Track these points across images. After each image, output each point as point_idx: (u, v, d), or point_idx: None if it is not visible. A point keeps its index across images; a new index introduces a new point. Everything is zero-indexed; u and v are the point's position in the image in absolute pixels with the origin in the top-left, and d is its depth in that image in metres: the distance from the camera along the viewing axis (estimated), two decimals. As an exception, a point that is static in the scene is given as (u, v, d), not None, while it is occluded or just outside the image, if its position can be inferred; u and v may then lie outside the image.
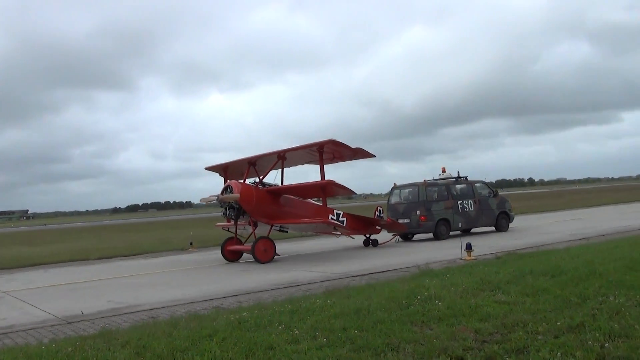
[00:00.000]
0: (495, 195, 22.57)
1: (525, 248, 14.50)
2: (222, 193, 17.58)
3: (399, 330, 6.24)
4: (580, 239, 16.31)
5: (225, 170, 20.38)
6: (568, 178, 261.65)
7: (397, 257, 15.70)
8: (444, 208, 20.92)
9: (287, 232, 19.80)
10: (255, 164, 18.78)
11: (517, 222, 25.70)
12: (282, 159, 17.94)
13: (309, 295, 9.24)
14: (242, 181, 18.11)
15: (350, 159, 18.26)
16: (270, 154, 18.21)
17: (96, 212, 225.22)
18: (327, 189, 16.91)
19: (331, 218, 17.64)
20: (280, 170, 18.44)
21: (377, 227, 20.19)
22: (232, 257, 18.23)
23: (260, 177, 18.39)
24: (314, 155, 17.50)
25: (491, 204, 22.22)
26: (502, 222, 22.38)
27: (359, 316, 7.02)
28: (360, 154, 17.47)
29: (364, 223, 19.93)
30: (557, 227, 22.31)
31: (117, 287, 13.17)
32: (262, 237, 17.01)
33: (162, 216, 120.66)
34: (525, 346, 5.46)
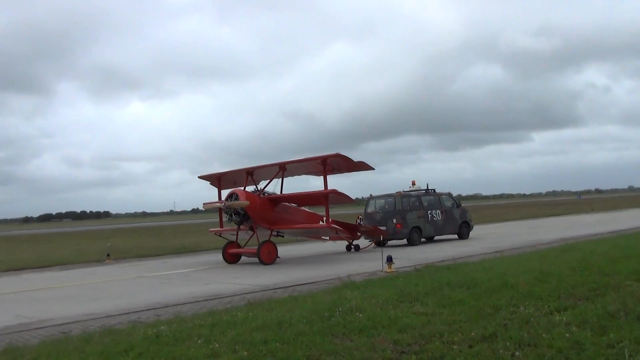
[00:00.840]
0: (458, 206, 24.99)
1: (443, 261, 14.96)
2: (227, 200, 18.93)
3: (320, 342, 6.27)
4: (494, 252, 17.01)
5: (219, 179, 21.78)
6: (483, 194, 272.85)
7: (321, 269, 15.79)
8: (416, 217, 23.13)
9: (283, 236, 21.08)
10: (252, 174, 20.34)
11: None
12: (283, 169, 19.44)
13: (230, 308, 9.12)
14: (242, 189, 19.39)
15: (351, 170, 19.70)
16: (271, 165, 19.73)
17: (5, 222, 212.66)
18: (330, 197, 18.43)
19: (321, 224, 19.71)
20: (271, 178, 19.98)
21: (358, 233, 21.93)
22: (233, 259, 19.40)
23: (260, 187, 20.02)
24: (316, 167, 19.08)
25: (455, 214, 24.54)
26: (463, 230, 24.76)
27: (281, 329, 7.00)
28: (361, 167, 18.97)
29: (349, 229, 21.38)
30: (473, 241, 23.19)
31: (26, 301, 12.48)
32: (266, 241, 18.29)
33: (78, 226, 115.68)
34: (441, 356, 5.62)
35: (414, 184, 24.84)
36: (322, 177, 18.66)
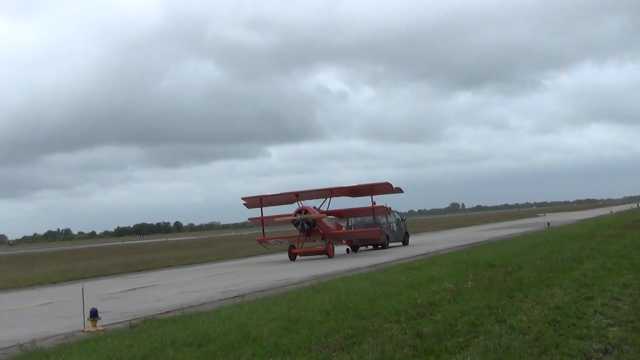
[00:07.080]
0: (403, 220, 43.60)
1: (168, 312, 14.93)
2: (296, 214, 33.57)
3: None
4: (234, 297, 17.51)
5: (260, 200, 36.05)
6: (222, 222, 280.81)
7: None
8: (386, 228, 39.81)
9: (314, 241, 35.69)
10: (299, 195, 35.11)
11: (157, 279, 26.47)
12: (331, 193, 35.24)
13: None
14: (311, 206, 34.57)
15: (374, 194, 35.68)
16: (320, 190, 35.62)
17: None
18: (377, 210, 36.05)
19: (344, 228, 38.44)
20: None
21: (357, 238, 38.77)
22: (295, 257, 33.63)
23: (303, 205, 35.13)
24: (360, 191, 35.97)
25: (401, 226, 42.45)
26: (406, 239, 42.60)
27: None
28: (397, 191, 35.78)
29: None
30: (208, 283, 23.59)
31: None
32: (330, 242, 33.81)
33: None
34: None
35: (374, 203, 37.74)
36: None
